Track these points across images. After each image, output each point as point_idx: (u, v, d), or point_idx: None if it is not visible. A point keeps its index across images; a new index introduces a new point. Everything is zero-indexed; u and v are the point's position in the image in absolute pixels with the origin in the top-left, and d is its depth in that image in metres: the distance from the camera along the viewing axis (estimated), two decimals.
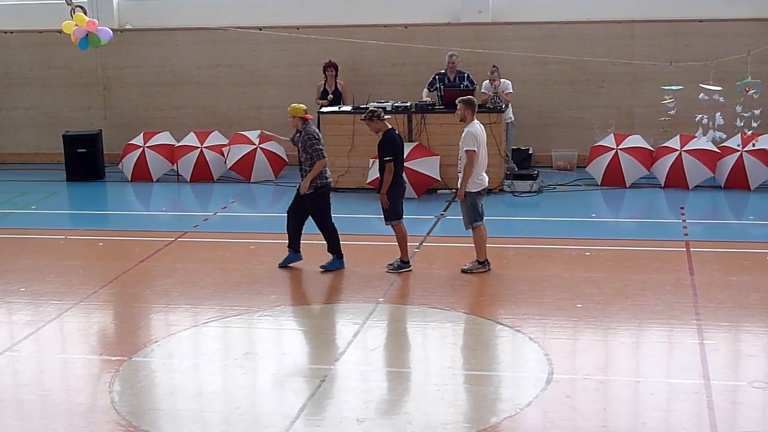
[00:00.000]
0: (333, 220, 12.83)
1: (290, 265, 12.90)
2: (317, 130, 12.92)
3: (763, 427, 8.48)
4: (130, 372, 9.79)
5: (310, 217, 12.86)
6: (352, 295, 12.17)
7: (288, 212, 12.90)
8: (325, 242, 12.81)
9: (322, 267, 12.72)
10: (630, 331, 10.69)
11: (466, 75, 17.75)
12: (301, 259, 12.90)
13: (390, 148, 12.45)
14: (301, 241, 12.93)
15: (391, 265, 12.61)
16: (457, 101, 12.51)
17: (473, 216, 12.37)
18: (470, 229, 12.45)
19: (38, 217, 16.54)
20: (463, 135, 12.27)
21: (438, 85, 17.71)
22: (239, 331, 10.99)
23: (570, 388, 9.22)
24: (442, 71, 17.80)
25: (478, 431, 8.43)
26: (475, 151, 12.14)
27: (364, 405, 9.06)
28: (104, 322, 11.56)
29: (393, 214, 12.56)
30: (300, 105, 12.80)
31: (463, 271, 12.46)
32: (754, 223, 15.36)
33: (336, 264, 12.78)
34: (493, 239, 12.90)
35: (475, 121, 12.37)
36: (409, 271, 12.55)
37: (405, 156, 16.14)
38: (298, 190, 12.70)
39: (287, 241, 12.91)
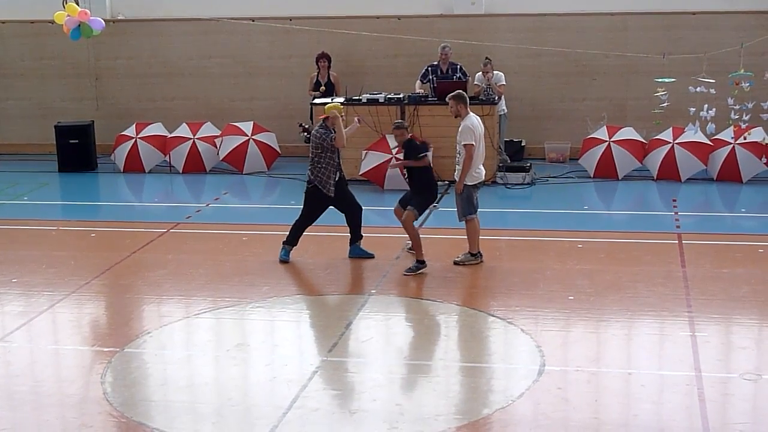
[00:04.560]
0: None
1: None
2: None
3: (754, 419, 8.51)
4: (122, 363, 9.79)
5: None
6: (345, 286, 12.19)
7: (311, 218, 12.89)
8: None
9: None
10: (622, 323, 10.71)
11: (458, 67, 17.75)
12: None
13: (416, 150, 12.50)
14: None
15: (409, 269, 12.47)
16: (447, 98, 12.49)
17: (467, 209, 12.37)
18: (463, 222, 12.45)
19: (30, 208, 16.51)
20: (460, 129, 12.26)
21: (431, 77, 17.70)
22: (231, 323, 10.99)
23: (562, 380, 9.24)
24: (435, 63, 17.80)
25: (470, 422, 8.44)
26: (473, 144, 12.14)
27: (356, 396, 9.08)
28: (96, 313, 11.56)
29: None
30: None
31: (456, 263, 12.47)
32: (746, 215, 15.38)
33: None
34: (485, 231, 12.91)
35: (471, 114, 12.36)
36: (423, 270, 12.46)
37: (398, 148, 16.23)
38: (327, 194, 12.63)
39: (287, 238, 12.87)
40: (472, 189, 12.36)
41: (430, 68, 17.80)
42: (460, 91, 12.64)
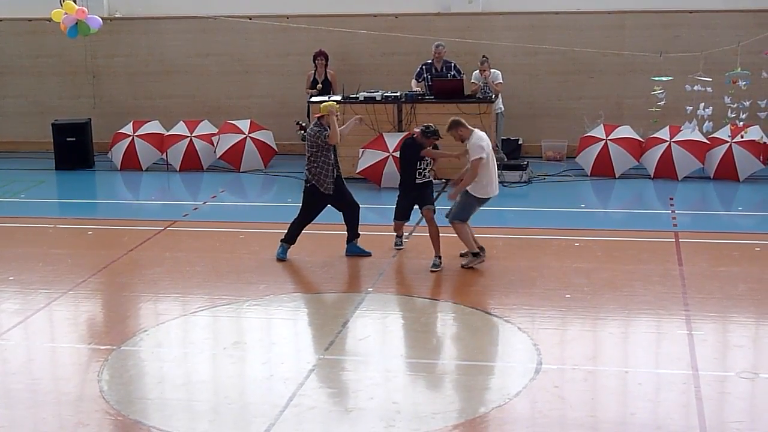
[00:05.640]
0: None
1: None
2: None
3: (751, 417, 8.52)
4: (118, 361, 9.78)
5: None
6: (342, 284, 12.19)
7: (309, 217, 12.91)
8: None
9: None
10: (618, 322, 10.72)
11: (453, 65, 17.77)
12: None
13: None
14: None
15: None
16: (446, 130, 12.25)
17: (462, 215, 12.30)
18: (450, 222, 12.35)
19: (27, 205, 16.50)
20: (469, 149, 12.15)
21: (425, 75, 17.73)
22: (228, 321, 10.99)
23: (558, 379, 9.24)
24: (429, 61, 17.82)
25: (467, 421, 8.45)
26: (482, 158, 12.04)
27: (353, 394, 9.08)
28: (93, 311, 11.55)
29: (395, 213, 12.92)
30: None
31: (464, 267, 12.39)
32: (743, 214, 15.40)
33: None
34: (482, 229, 12.92)
35: (475, 130, 12.29)
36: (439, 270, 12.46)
37: (395, 146, 16.23)
38: (325, 192, 12.64)
39: (285, 236, 12.88)
40: (477, 202, 12.31)
41: (424, 66, 17.82)
42: (453, 118, 12.38)
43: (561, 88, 18.95)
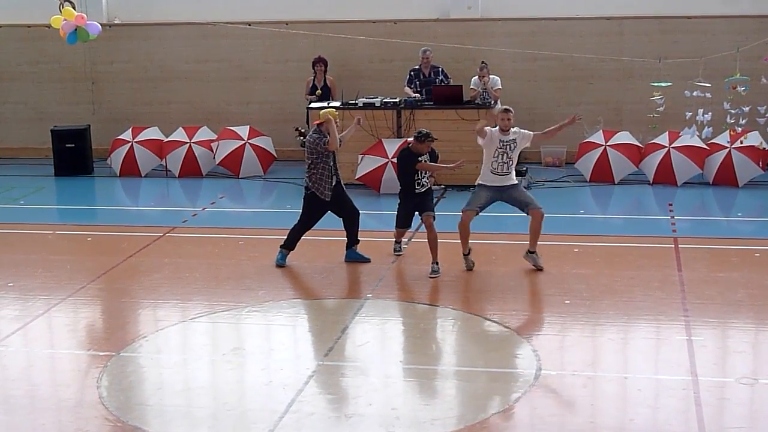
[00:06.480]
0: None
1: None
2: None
3: (751, 423, 8.52)
4: (118, 367, 9.78)
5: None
6: (341, 290, 12.18)
7: (309, 223, 12.91)
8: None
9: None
10: (618, 327, 10.72)
11: (440, 69, 17.83)
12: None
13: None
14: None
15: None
16: (504, 110, 12.56)
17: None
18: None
19: (26, 211, 16.49)
20: (522, 136, 12.59)
21: (415, 81, 17.76)
22: (227, 327, 10.99)
23: (558, 384, 9.24)
24: (416, 67, 17.85)
25: (466, 427, 8.44)
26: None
27: (352, 400, 9.07)
28: (92, 317, 11.54)
29: (396, 221, 12.90)
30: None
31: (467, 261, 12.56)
32: (742, 219, 15.40)
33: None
34: (481, 235, 12.93)
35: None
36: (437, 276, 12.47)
37: (394, 152, 16.23)
38: (324, 199, 12.63)
39: (284, 242, 12.88)
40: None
41: (412, 72, 17.87)
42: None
43: (560, 94, 18.95)
